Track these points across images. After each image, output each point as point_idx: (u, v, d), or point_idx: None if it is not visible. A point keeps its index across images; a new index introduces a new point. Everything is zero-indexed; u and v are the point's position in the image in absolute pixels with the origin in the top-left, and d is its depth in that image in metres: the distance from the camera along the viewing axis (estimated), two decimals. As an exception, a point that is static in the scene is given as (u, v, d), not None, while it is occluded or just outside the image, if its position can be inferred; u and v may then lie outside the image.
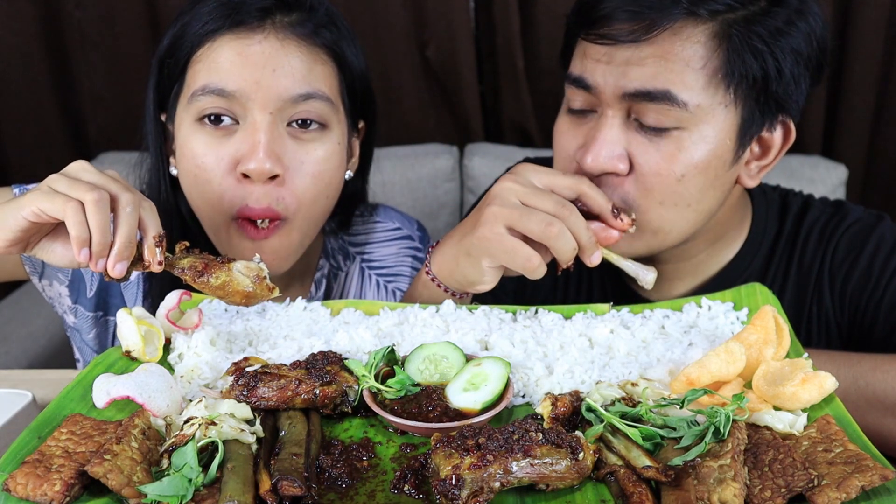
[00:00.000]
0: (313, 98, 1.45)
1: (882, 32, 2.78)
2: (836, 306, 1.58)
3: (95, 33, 3.03)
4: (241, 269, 1.21)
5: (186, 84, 1.47)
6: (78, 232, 1.12)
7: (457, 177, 3.05)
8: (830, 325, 1.59)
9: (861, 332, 1.56)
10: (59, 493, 0.88)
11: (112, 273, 1.16)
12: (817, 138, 2.95)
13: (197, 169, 1.46)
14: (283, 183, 1.45)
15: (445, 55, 3.03)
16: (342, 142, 1.53)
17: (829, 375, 1.04)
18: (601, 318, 1.30)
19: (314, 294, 1.75)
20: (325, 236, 1.79)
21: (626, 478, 0.92)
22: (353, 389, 1.10)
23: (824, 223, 1.61)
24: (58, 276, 1.63)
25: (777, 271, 1.62)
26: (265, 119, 1.42)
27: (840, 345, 1.60)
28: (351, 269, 1.80)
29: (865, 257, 1.55)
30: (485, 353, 1.19)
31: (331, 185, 1.53)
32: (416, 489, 0.94)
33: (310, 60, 1.46)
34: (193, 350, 1.20)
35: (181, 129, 1.48)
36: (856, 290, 1.55)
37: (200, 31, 1.44)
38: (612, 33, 1.37)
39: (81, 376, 1.14)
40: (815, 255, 1.60)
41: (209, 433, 0.95)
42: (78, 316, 1.67)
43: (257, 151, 1.41)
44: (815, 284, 1.59)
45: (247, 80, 1.41)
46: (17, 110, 3.11)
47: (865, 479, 0.86)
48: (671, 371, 1.13)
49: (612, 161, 1.38)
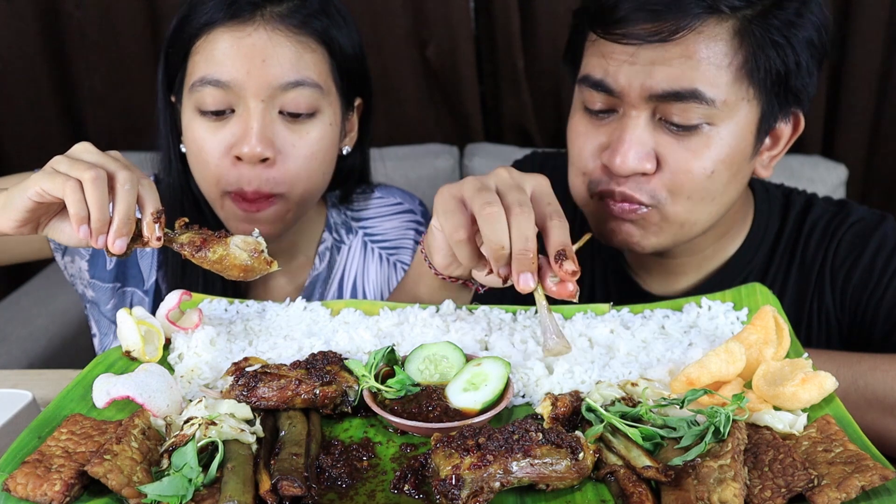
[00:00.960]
0: (302, 85, 1.54)
1: (882, 32, 2.78)
2: (836, 304, 1.59)
3: (95, 33, 3.03)
4: (239, 244, 1.23)
5: (188, 73, 1.58)
6: (76, 209, 1.17)
7: (457, 177, 3.04)
8: (831, 323, 1.60)
9: (861, 331, 1.56)
10: (59, 493, 0.88)
11: (112, 249, 1.20)
12: (817, 138, 2.95)
13: (198, 151, 1.57)
14: (275, 164, 1.55)
15: (445, 55, 3.03)
16: (334, 122, 1.63)
17: (829, 375, 1.04)
18: (601, 318, 1.30)
19: (317, 266, 1.82)
20: (328, 210, 1.86)
21: (626, 478, 0.92)
22: (353, 389, 1.10)
23: (827, 221, 1.62)
24: (79, 251, 1.74)
25: (779, 268, 1.63)
26: (258, 106, 1.52)
27: (840, 343, 1.60)
28: (353, 242, 1.87)
29: (867, 256, 1.55)
30: (485, 353, 1.19)
31: (324, 162, 1.63)
32: (416, 489, 0.94)
33: (299, 49, 1.55)
34: (193, 350, 1.20)
35: (185, 114, 1.60)
36: (857, 288, 1.56)
37: (199, 23, 1.55)
38: (635, 33, 1.36)
39: (81, 376, 1.14)
40: (816, 253, 1.60)
41: (209, 433, 0.95)
42: (96, 289, 1.77)
43: (250, 137, 1.52)
44: (817, 282, 1.60)
45: (239, 70, 1.51)
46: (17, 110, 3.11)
47: (865, 479, 0.86)
48: (671, 371, 1.13)
49: (641, 162, 1.39)
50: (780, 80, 1.39)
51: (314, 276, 1.81)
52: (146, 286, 1.75)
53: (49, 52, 3.06)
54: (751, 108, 1.40)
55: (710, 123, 1.38)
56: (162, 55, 1.64)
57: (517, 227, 1.15)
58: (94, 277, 1.76)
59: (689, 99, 1.35)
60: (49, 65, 3.08)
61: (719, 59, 1.35)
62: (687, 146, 1.39)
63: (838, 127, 2.95)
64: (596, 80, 1.43)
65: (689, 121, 1.37)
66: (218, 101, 1.53)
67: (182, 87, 1.60)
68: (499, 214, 1.16)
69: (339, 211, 1.88)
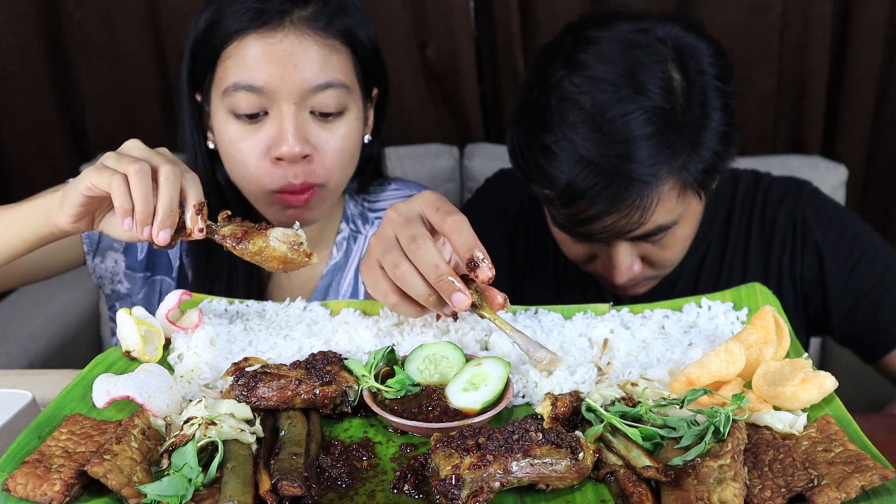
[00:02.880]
0: (331, 86, 1.62)
1: (882, 32, 2.78)
2: (806, 263, 1.79)
3: (95, 33, 3.02)
4: (279, 237, 1.24)
5: (218, 76, 1.64)
6: (121, 202, 1.23)
7: (457, 177, 3.04)
8: (802, 281, 1.80)
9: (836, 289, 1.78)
10: (59, 493, 0.88)
11: (157, 240, 1.24)
12: (817, 138, 2.95)
13: (235, 153, 1.65)
14: (313, 161, 1.64)
15: (445, 55, 3.02)
16: (360, 117, 1.72)
17: (829, 375, 1.04)
18: (601, 318, 1.30)
19: (335, 255, 1.90)
20: (346, 201, 1.94)
21: (626, 478, 0.92)
22: (353, 389, 1.10)
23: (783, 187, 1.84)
24: (113, 246, 1.83)
25: (737, 231, 1.83)
26: (290, 109, 1.60)
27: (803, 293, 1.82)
28: (369, 232, 1.93)
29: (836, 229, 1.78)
30: (485, 353, 1.19)
31: (353, 154, 1.73)
32: (416, 489, 0.94)
33: (326, 52, 1.62)
34: (193, 350, 1.20)
35: (217, 116, 1.66)
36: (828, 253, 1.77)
37: (229, 29, 1.61)
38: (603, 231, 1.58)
39: (81, 376, 1.15)
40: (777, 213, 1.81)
41: (209, 433, 0.95)
42: (131, 280, 1.84)
43: (287, 138, 1.60)
44: (784, 240, 1.80)
45: (272, 75, 1.58)
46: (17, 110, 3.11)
47: (865, 478, 0.86)
48: (671, 371, 1.14)
49: (634, 273, 1.66)
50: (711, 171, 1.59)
51: (332, 265, 1.88)
52: (174, 273, 1.82)
53: (49, 52, 3.06)
54: (699, 200, 1.64)
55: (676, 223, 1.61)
56: (187, 55, 1.69)
57: (420, 260, 1.13)
58: (129, 268, 1.83)
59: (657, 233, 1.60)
60: (49, 65, 3.07)
61: (672, 205, 1.57)
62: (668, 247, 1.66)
63: (838, 127, 2.95)
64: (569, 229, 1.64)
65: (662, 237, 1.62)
66: (252, 105, 1.60)
67: (210, 89, 1.67)
68: (409, 273, 1.14)
69: (356, 202, 1.95)
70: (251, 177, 1.66)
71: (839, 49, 2.82)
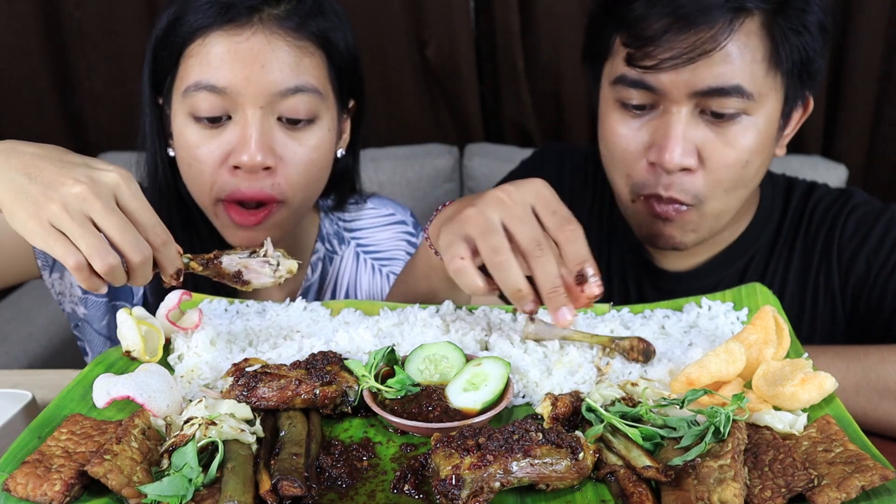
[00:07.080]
0: (301, 91, 1.49)
1: (882, 32, 2.79)
2: (842, 280, 1.64)
3: (95, 33, 3.03)
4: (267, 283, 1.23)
5: (179, 76, 1.51)
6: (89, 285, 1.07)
7: (457, 177, 3.05)
8: (835, 299, 1.65)
9: (868, 308, 1.60)
10: (59, 493, 0.88)
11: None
12: (817, 138, 2.96)
13: (191, 159, 1.51)
14: (276, 173, 1.50)
15: (445, 55, 3.03)
16: (332, 127, 1.58)
17: (829, 375, 1.04)
18: (601, 318, 1.30)
19: (310, 277, 1.79)
20: (321, 220, 1.83)
21: (626, 478, 0.92)
22: (353, 389, 1.10)
23: (830, 202, 1.69)
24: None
25: (783, 245, 1.70)
26: (255, 113, 1.46)
27: (844, 319, 1.65)
28: (346, 252, 1.84)
29: (875, 236, 1.61)
30: (485, 353, 1.19)
31: (323, 168, 1.59)
32: (416, 489, 0.94)
33: (297, 53, 1.49)
34: (193, 350, 1.20)
35: (176, 119, 1.52)
36: (864, 266, 1.61)
37: (193, 25, 1.48)
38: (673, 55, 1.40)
39: (81, 376, 1.14)
40: (819, 229, 1.67)
41: (209, 433, 0.95)
42: (89, 306, 1.69)
43: (248, 145, 1.46)
44: (822, 258, 1.66)
45: (237, 75, 1.45)
46: (17, 110, 3.11)
47: (865, 479, 0.86)
48: (671, 371, 1.14)
49: (687, 158, 1.45)
50: (800, 66, 1.47)
51: (306, 286, 1.78)
52: (135, 299, 1.70)
53: (49, 52, 3.07)
54: (777, 96, 1.48)
55: (747, 114, 1.44)
56: (149, 55, 1.56)
57: (541, 269, 1.10)
58: (87, 293, 1.67)
59: (731, 94, 1.41)
60: (49, 65, 3.08)
61: (753, 55, 1.42)
62: (725, 140, 1.45)
63: (838, 127, 2.95)
64: (634, 79, 1.46)
65: (728, 111, 1.43)
66: (214, 107, 1.46)
67: (171, 91, 1.53)
68: (509, 262, 1.11)
69: (331, 220, 1.84)
70: (202, 183, 1.51)
71: (839, 49, 2.82)
